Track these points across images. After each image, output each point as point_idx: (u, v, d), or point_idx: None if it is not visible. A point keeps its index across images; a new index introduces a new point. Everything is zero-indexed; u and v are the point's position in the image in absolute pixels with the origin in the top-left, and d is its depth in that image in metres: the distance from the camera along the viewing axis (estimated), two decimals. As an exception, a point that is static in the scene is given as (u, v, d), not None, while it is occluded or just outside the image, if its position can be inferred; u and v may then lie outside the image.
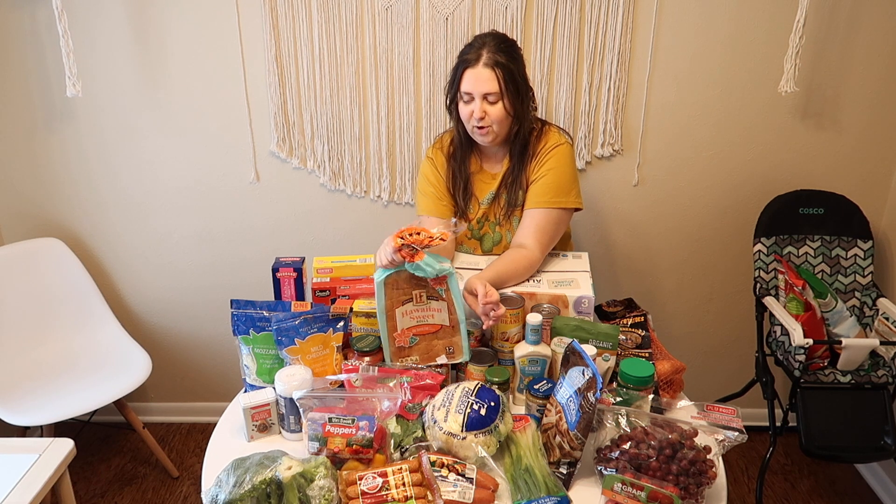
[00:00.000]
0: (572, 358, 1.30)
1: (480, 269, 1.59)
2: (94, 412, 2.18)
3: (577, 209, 1.73)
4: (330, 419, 1.26)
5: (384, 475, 1.17)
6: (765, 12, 2.08)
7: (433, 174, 1.78)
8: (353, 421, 1.26)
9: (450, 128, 1.82)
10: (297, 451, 1.27)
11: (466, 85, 1.60)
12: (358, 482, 1.16)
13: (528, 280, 1.58)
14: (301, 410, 1.32)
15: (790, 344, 2.01)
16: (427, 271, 1.39)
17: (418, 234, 1.40)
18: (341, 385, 1.42)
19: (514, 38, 1.83)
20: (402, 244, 1.39)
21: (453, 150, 1.77)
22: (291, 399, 1.34)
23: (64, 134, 2.29)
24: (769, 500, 2.34)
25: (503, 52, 1.60)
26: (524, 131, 1.68)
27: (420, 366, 1.46)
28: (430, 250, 1.41)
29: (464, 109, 1.64)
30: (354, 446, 1.24)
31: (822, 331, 2.08)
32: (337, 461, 1.25)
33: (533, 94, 1.73)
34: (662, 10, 2.09)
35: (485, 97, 1.60)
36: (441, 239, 1.41)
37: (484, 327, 1.45)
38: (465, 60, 1.61)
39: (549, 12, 2.09)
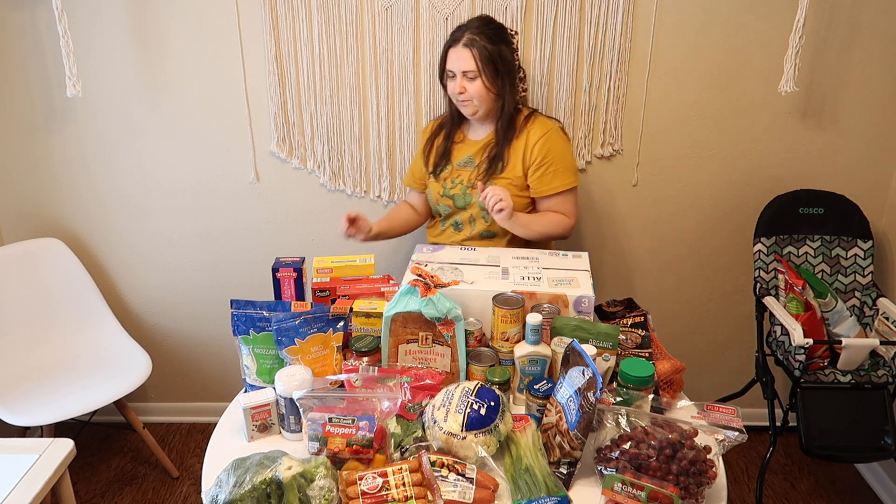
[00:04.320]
0: (572, 358, 1.30)
1: (481, 265, 1.60)
2: (94, 412, 2.18)
3: (573, 187, 1.92)
4: (330, 419, 1.26)
5: (384, 475, 1.17)
6: (765, 12, 2.08)
7: (421, 145, 2.03)
8: (353, 421, 1.26)
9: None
10: (297, 451, 1.27)
11: (449, 63, 1.81)
12: (358, 482, 1.16)
13: (529, 279, 1.58)
14: (301, 410, 1.32)
15: (790, 344, 2.01)
16: (438, 307, 1.41)
17: (431, 277, 1.46)
18: (341, 385, 1.42)
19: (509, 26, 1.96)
20: (418, 277, 1.45)
21: (443, 121, 2.00)
22: (291, 399, 1.34)
23: (64, 134, 2.29)
24: (769, 500, 2.34)
25: (484, 35, 1.77)
26: (508, 108, 1.85)
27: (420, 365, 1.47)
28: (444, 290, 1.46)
29: (449, 85, 1.84)
30: (354, 446, 1.24)
31: (822, 331, 2.08)
32: (337, 461, 1.25)
33: (524, 76, 2.00)
34: (662, 9, 2.09)
35: (464, 74, 1.78)
36: (453, 283, 1.51)
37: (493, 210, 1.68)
38: (449, 41, 1.81)
39: (549, 12, 2.09)
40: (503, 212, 1.69)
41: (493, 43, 1.77)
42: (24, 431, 2.36)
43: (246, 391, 1.49)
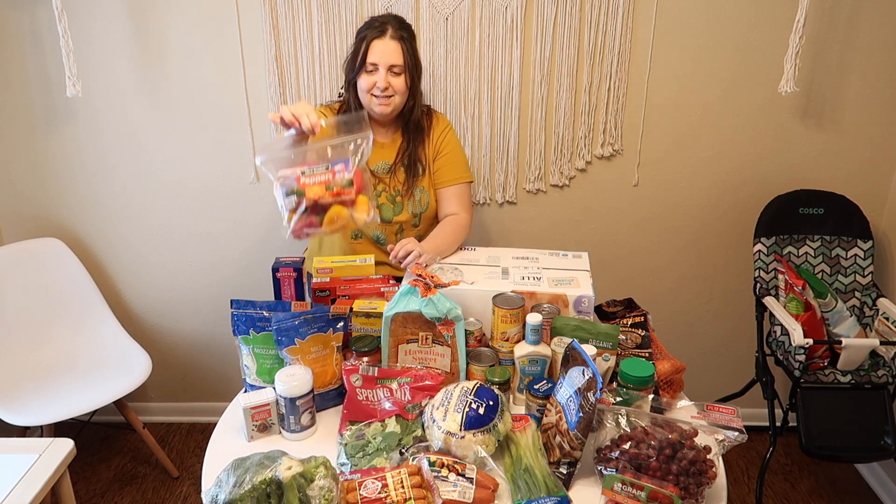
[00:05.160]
0: (572, 358, 1.30)
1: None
2: (94, 412, 2.18)
3: (471, 181, 1.93)
4: (303, 172, 1.21)
5: (383, 479, 1.17)
6: (765, 12, 2.08)
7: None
8: (328, 167, 1.21)
9: (334, 100, 1.89)
10: (298, 451, 1.27)
11: (374, 55, 1.69)
12: (358, 488, 1.16)
13: (529, 279, 1.58)
14: (271, 175, 1.27)
15: (790, 344, 2.01)
16: (438, 307, 1.41)
17: (431, 277, 1.45)
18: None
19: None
20: (418, 277, 1.44)
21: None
22: (291, 399, 1.34)
23: (64, 134, 2.29)
24: (769, 500, 2.34)
25: (405, 30, 1.74)
26: (417, 108, 1.81)
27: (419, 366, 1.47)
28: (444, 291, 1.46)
29: (367, 80, 1.71)
30: (335, 189, 1.21)
31: (822, 331, 2.08)
32: (319, 209, 1.23)
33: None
34: (662, 10, 2.09)
35: (390, 68, 1.70)
36: (453, 283, 1.48)
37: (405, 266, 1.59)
38: (370, 34, 1.70)
39: (549, 12, 2.09)
40: (420, 260, 1.63)
41: (413, 40, 1.75)
42: (24, 431, 2.36)
43: (246, 391, 1.49)
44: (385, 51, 1.69)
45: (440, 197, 1.88)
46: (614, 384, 1.40)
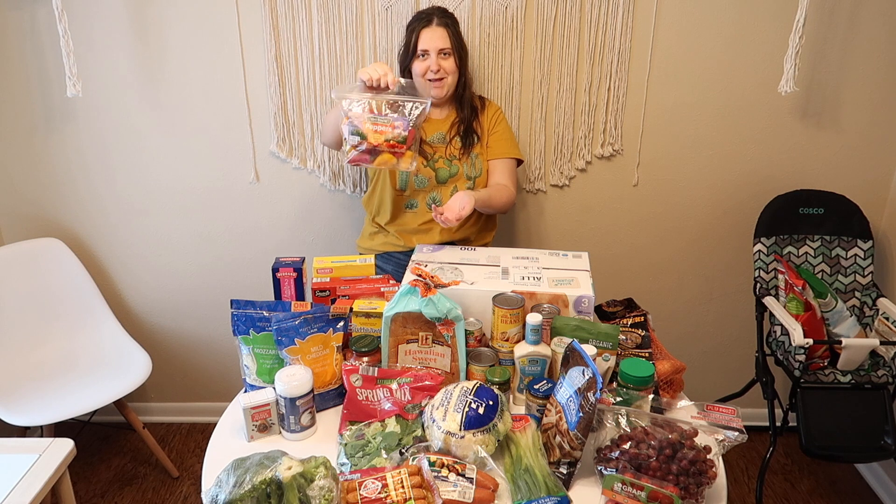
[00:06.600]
0: (572, 358, 1.30)
1: (479, 266, 1.60)
2: (94, 412, 2.18)
3: (520, 161, 2.07)
4: (369, 118, 1.53)
5: (383, 479, 1.17)
6: (765, 12, 2.08)
7: None
8: (390, 121, 1.52)
9: None
10: (297, 451, 1.27)
11: (424, 42, 1.86)
12: (358, 488, 1.16)
13: (529, 279, 1.58)
14: (342, 111, 1.59)
15: (790, 344, 2.01)
16: (438, 307, 1.41)
17: (431, 277, 1.46)
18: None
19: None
20: (418, 278, 1.45)
21: None
22: (291, 399, 1.34)
23: (64, 134, 2.29)
24: (769, 500, 2.34)
25: (449, 17, 1.90)
26: (469, 87, 1.98)
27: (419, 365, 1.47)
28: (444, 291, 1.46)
29: (420, 65, 1.88)
30: (391, 141, 1.52)
31: (822, 331, 2.08)
32: (374, 152, 1.57)
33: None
34: (662, 10, 2.09)
35: (440, 52, 1.86)
36: (453, 283, 1.50)
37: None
38: (418, 25, 1.87)
39: (549, 12, 2.09)
40: (465, 209, 1.76)
41: (456, 26, 1.92)
42: (24, 431, 2.36)
43: (246, 391, 1.49)
44: (433, 37, 1.85)
45: (490, 168, 2.00)
46: (614, 384, 1.40)
